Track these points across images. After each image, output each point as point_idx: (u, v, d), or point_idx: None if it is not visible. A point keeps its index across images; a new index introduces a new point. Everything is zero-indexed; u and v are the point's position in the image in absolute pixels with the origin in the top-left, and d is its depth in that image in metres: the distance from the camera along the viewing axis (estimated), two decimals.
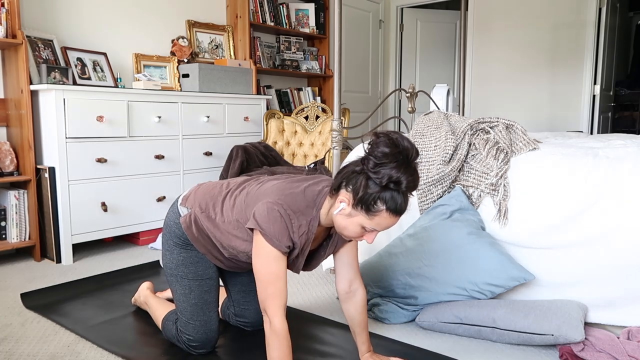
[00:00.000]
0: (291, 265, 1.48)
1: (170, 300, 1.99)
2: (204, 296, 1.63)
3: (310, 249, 1.54)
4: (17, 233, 2.77)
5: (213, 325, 1.66)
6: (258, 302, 1.82)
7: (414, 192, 1.31)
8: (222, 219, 1.51)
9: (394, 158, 1.24)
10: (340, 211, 1.34)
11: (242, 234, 1.47)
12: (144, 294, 2.01)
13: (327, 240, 1.56)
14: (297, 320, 1.98)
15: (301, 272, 1.69)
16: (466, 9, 4.42)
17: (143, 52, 3.55)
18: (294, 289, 2.36)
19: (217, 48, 4.02)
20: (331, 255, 1.62)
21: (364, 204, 1.28)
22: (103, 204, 2.89)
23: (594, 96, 4.63)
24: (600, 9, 4.49)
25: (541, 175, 1.96)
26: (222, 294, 1.98)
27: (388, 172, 1.24)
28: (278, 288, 1.35)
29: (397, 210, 1.29)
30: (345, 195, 1.32)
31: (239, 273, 1.80)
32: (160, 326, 1.80)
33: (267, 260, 1.36)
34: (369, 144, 1.29)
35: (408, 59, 5.81)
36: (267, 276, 1.35)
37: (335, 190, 1.36)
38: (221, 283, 2.01)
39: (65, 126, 2.72)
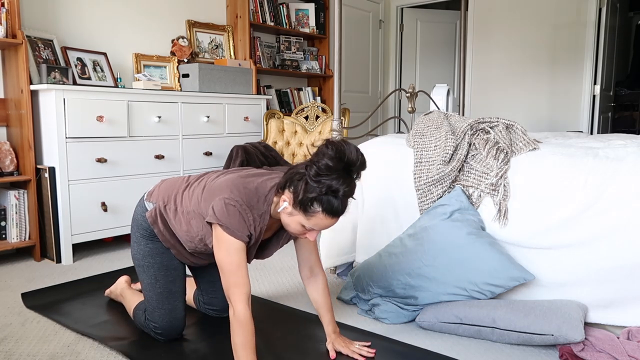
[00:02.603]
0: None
1: None
2: (169, 286, 1.72)
3: (264, 238, 1.63)
4: (17, 233, 2.77)
5: (178, 313, 1.74)
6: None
7: (353, 196, 1.42)
8: (182, 210, 1.59)
9: (335, 171, 1.34)
10: (283, 209, 1.44)
11: (197, 223, 1.55)
12: (121, 286, 2.09)
13: (280, 231, 1.66)
14: (297, 320, 1.98)
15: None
16: (466, 9, 4.43)
17: (143, 52, 3.55)
18: (294, 289, 2.36)
19: (217, 48, 4.02)
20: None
21: (302, 205, 1.38)
22: (103, 204, 2.89)
23: (594, 96, 4.63)
24: (600, 9, 4.49)
25: (541, 175, 1.96)
26: (194, 285, 2.08)
27: (328, 183, 1.34)
28: (240, 277, 1.43)
29: (333, 212, 1.38)
30: (287, 195, 1.43)
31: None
32: (131, 315, 1.90)
33: (228, 252, 1.43)
34: (316, 150, 1.38)
35: (408, 59, 5.81)
36: (230, 267, 1.43)
37: (281, 189, 1.47)
38: (190, 274, 2.09)
39: (65, 126, 2.72)
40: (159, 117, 3.14)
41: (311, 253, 1.69)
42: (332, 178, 1.34)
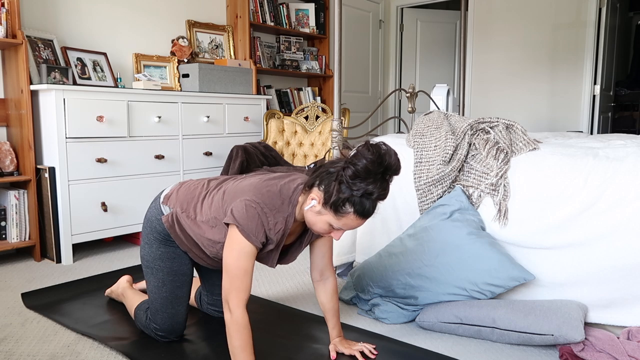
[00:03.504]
0: (265, 259, 1.54)
1: (145, 291, 2.06)
2: (175, 291, 1.71)
3: (286, 243, 1.60)
4: (17, 233, 2.77)
5: (180, 318, 1.74)
6: None
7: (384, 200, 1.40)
8: (201, 218, 1.56)
9: (373, 175, 1.31)
10: (311, 208, 1.41)
11: (219, 230, 1.52)
12: (122, 285, 2.08)
13: (303, 234, 1.62)
14: (297, 320, 1.98)
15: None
16: (466, 9, 4.42)
17: (143, 52, 3.55)
18: (295, 289, 2.36)
19: (217, 48, 4.02)
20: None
21: (333, 205, 1.36)
22: (103, 204, 2.89)
23: (594, 96, 4.63)
24: (600, 9, 4.49)
25: (541, 175, 1.96)
26: (197, 282, 2.06)
27: (364, 187, 1.32)
28: (244, 283, 1.41)
29: (365, 213, 1.37)
30: (316, 194, 1.40)
31: None
32: (132, 314, 1.89)
33: (239, 255, 1.40)
34: (356, 151, 1.34)
35: (408, 59, 5.81)
36: (237, 271, 1.40)
37: (309, 187, 1.43)
38: (196, 273, 2.06)
39: (65, 126, 2.72)
40: (159, 117, 3.14)
41: (325, 256, 1.66)
42: (368, 182, 1.31)
